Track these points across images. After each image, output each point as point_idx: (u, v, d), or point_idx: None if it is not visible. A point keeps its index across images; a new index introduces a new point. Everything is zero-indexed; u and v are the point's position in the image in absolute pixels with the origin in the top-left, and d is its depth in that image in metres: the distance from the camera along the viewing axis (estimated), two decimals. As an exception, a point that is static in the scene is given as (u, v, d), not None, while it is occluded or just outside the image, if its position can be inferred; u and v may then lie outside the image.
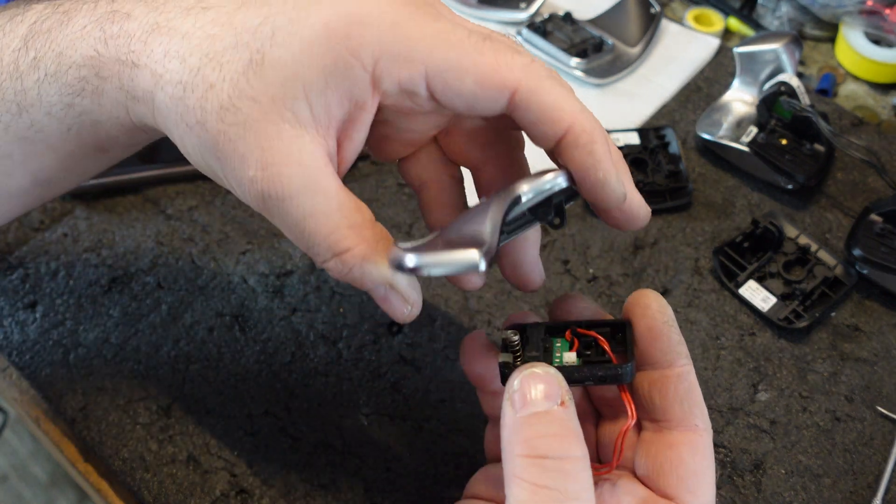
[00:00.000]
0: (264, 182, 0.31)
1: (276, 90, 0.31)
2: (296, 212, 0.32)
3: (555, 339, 0.36)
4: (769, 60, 0.60)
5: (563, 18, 0.67)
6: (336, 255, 0.32)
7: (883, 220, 0.54)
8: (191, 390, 0.48)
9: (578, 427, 0.31)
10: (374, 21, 0.31)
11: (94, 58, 0.34)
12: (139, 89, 0.34)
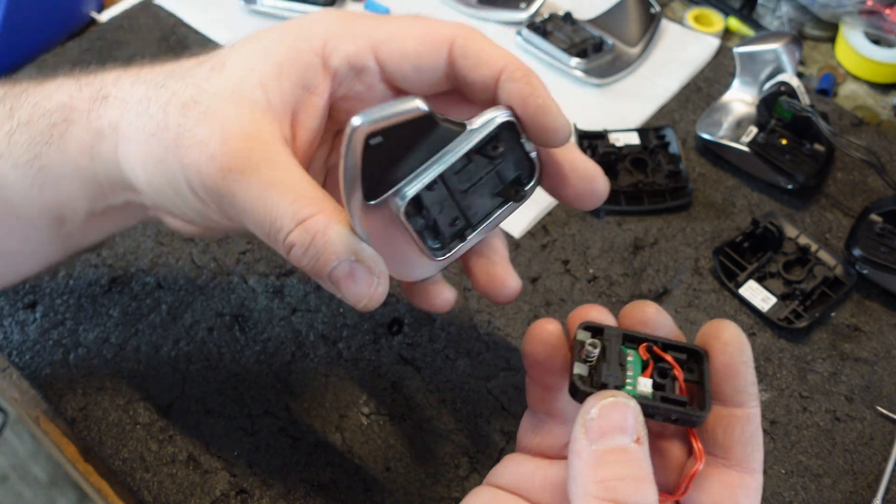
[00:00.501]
0: (224, 156, 0.33)
1: (234, 84, 0.34)
2: (258, 183, 0.33)
3: (629, 350, 0.34)
4: (769, 60, 0.60)
5: (563, 18, 0.67)
6: (300, 223, 0.32)
7: (883, 220, 0.54)
8: (191, 390, 0.48)
9: (651, 467, 0.30)
10: (321, 17, 0.36)
11: (67, 103, 0.37)
12: (106, 120, 0.37)
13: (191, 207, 0.36)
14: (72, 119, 0.38)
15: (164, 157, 0.34)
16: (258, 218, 0.33)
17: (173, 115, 0.34)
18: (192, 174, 0.34)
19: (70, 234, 0.40)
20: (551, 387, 0.35)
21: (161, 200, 0.36)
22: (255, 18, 0.70)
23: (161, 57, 0.67)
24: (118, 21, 0.70)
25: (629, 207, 0.57)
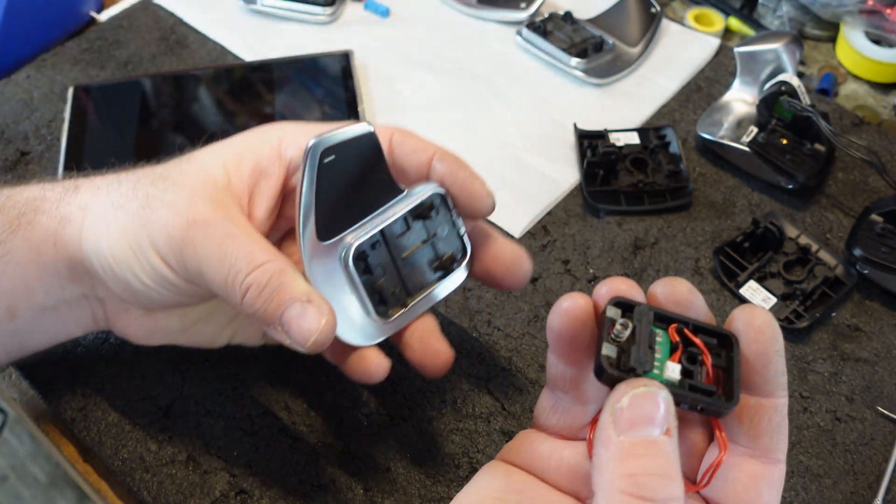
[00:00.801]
0: (189, 210, 0.37)
1: (199, 165, 0.39)
2: (219, 232, 0.37)
3: (658, 331, 0.32)
4: (770, 60, 0.60)
5: (563, 18, 0.67)
6: (257, 267, 0.36)
7: (883, 220, 0.54)
8: (190, 390, 0.47)
9: (679, 461, 0.29)
10: (279, 124, 0.42)
11: (39, 195, 0.40)
12: (76, 205, 0.40)
13: (149, 273, 0.38)
14: (41, 209, 0.40)
15: (128, 222, 0.38)
16: (217, 263, 0.36)
17: (143, 187, 0.39)
18: (157, 230, 0.37)
19: (17, 332, 0.41)
20: (575, 365, 0.34)
21: (120, 273, 0.38)
22: (255, 18, 0.70)
23: (161, 57, 0.67)
24: (118, 21, 0.70)
25: (629, 207, 0.57)
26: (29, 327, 0.41)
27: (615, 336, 0.31)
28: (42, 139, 0.61)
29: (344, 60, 0.65)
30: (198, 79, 0.64)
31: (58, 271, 0.40)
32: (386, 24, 0.70)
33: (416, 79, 0.66)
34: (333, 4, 0.69)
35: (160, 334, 0.43)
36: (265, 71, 0.64)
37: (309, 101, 0.63)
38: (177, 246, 0.37)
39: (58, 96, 0.64)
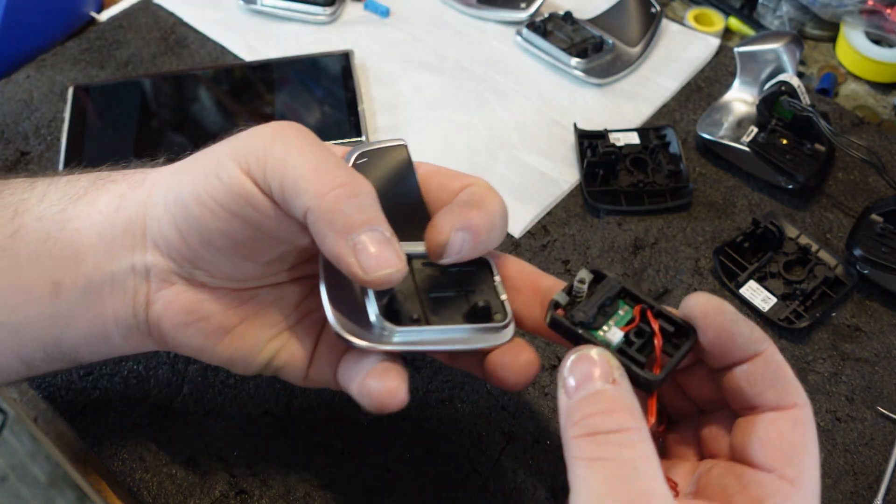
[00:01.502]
0: (279, 127, 0.36)
1: None
2: (310, 140, 0.36)
3: (622, 304, 0.35)
4: (770, 60, 0.60)
5: (563, 18, 0.67)
6: (355, 178, 0.35)
7: (883, 220, 0.54)
8: (190, 391, 0.47)
9: (632, 401, 0.30)
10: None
11: (109, 172, 0.40)
12: (148, 172, 0.40)
13: (219, 192, 0.35)
14: (114, 179, 0.39)
15: (204, 155, 0.37)
16: (308, 160, 0.34)
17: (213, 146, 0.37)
18: (240, 145, 0.35)
19: (58, 316, 0.38)
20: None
21: (186, 199, 0.36)
22: (255, 18, 0.70)
23: (161, 57, 0.67)
24: (117, 20, 0.70)
25: (629, 207, 0.57)
26: (70, 311, 0.38)
27: (574, 291, 0.35)
28: (42, 139, 0.61)
29: (344, 60, 0.65)
30: (198, 79, 0.64)
31: (114, 235, 0.37)
32: (386, 24, 0.70)
33: (416, 79, 0.66)
34: (333, 4, 0.69)
35: (198, 327, 0.39)
36: (265, 71, 0.64)
37: (309, 101, 0.63)
38: (262, 146, 0.35)
39: (58, 96, 0.64)
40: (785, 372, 0.33)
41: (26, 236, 0.37)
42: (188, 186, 0.36)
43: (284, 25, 0.69)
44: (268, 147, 0.35)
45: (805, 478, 0.31)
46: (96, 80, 0.65)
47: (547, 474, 0.45)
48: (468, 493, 0.44)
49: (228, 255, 0.36)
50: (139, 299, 0.38)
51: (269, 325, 0.39)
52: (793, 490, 0.31)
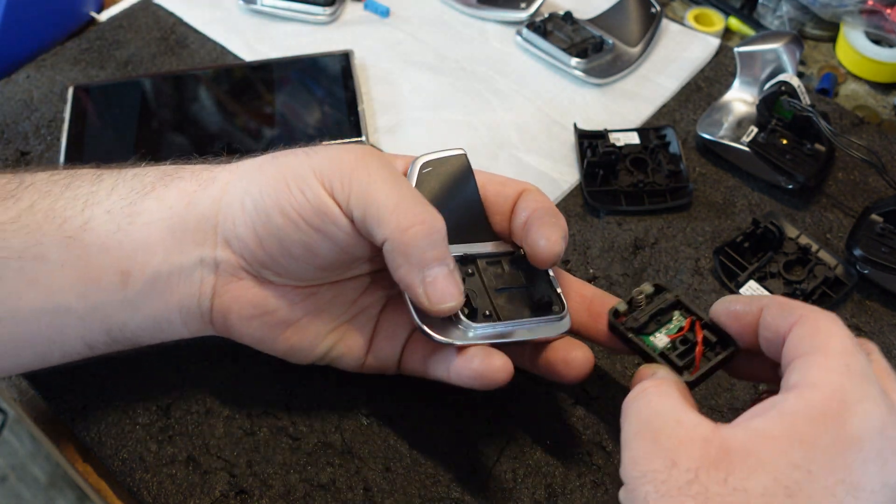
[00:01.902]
0: (364, 150, 0.40)
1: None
2: (392, 172, 0.39)
3: (677, 314, 0.41)
4: (770, 60, 0.60)
5: (563, 18, 0.67)
6: (431, 215, 0.38)
7: (883, 220, 0.54)
8: (190, 390, 0.47)
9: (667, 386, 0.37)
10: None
11: (176, 168, 0.42)
12: (219, 170, 0.41)
13: (299, 203, 0.38)
14: (182, 176, 0.41)
15: (288, 162, 0.39)
16: (388, 191, 0.38)
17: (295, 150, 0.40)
18: (324, 161, 0.38)
19: (125, 304, 0.40)
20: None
21: (263, 206, 0.38)
22: (255, 18, 0.70)
23: (161, 57, 0.67)
24: (118, 21, 0.70)
25: (629, 207, 0.57)
26: (137, 299, 0.40)
27: (634, 302, 0.42)
28: (42, 139, 0.61)
29: (344, 60, 0.65)
30: (198, 79, 0.64)
31: (185, 230, 0.40)
32: (386, 24, 0.70)
33: (416, 79, 0.66)
34: (333, 4, 0.69)
35: (262, 320, 0.41)
36: (265, 71, 0.64)
37: (309, 100, 0.63)
38: (347, 171, 0.38)
39: (58, 96, 0.64)
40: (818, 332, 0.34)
41: (97, 228, 0.39)
42: (270, 195, 0.38)
43: (284, 25, 0.69)
44: (353, 174, 0.38)
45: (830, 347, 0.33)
46: (96, 80, 0.65)
47: (547, 474, 0.45)
48: (468, 493, 0.44)
49: (302, 262, 0.40)
50: (205, 290, 0.41)
51: (328, 320, 0.43)
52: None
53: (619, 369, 0.49)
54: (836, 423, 0.31)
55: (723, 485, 0.30)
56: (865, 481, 0.31)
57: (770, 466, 0.31)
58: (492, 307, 0.41)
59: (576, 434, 0.46)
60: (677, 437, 0.33)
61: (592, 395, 0.48)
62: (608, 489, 0.44)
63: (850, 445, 0.31)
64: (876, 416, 0.31)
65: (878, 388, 0.32)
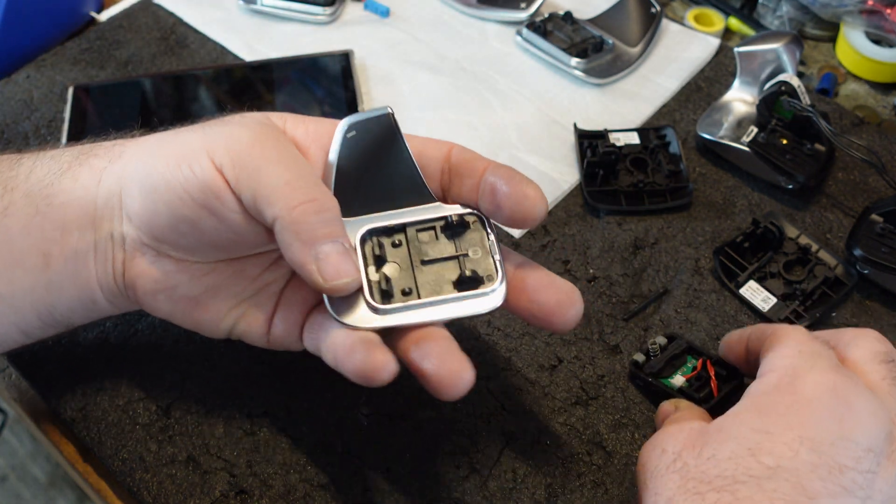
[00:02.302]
0: (259, 128, 0.40)
1: (258, 117, 0.42)
2: (288, 149, 0.39)
3: (690, 358, 0.48)
4: (770, 60, 0.60)
5: (563, 18, 0.67)
6: (323, 194, 0.38)
7: (883, 220, 0.54)
8: (190, 390, 0.47)
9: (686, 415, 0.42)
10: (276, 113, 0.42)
11: (92, 146, 0.42)
12: (129, 145, 0.42)
13: (189, 181, 0.38)
14: (96, 153, 0.41)
15: (184, 139, 0.39)
16: (279, 171, 0.37)
17: (199, 125, 0.40)
18: (218, 139, 0.38)
19: (50, 285, 0.40)
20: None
21: (151, 204, 0.39)
22: (255, 18, 0.70)
23: (161, 56, 0.67)
24: (117, 20, 0.70)
25: (629, 207, 0.57)
26: (60, 279, 0.40)
27: (648, 350, 0.49)
28: (42, 139, 0.61)
29: (344, 60, 0.65)
30: (198, 79, 0.64)
31: (95, 207, 0.40)
32: (386, 24, 0.70)
33: (416, 79, 0.66)
34: (333, 4, 0.69)
35: (166, 295, 0.41)
36: (265, 71, 0.64)
37: (309, 101, 0.63)
38: (240, 149, 0.38)
39: (58, 96, 0.64)
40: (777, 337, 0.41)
41: (16, 212, 0.40)
42: (161, 170, 0.38)
43: (284, 25, 0.69)
44: (245, 153, 0.37)
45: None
46: (96, 80, 0.65)
47: (547, 474, 0.45)
48: (468, 493, 0.44)
49: (192, 239, 0.40)
50: (117, 266, 0.41)
51: (229, 296, 0.42)
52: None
53: (619, 370, 0.49)
54: (790, 390, 0.36)
55: (698, 457, 0.36)
56: (822, 435, 0.35)
57: (735, 434, 0.36)
58: (413, 282, 0.38)
59: (576, 434, 0.46)
60: (669, 432, 0.39)
61: (592, 395, 0.48)
62: (608, 489, 0.44)
63: (803, 406, 0.36)
64: (824, 380, 0.36)
65: (829, 363, 0.37)
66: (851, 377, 0.37)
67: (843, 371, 0.37)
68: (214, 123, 0.40)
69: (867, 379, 0.38)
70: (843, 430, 0.35)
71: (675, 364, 0.47)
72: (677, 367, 0.47)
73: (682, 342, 0.48)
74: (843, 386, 0.36)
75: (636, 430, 0.46)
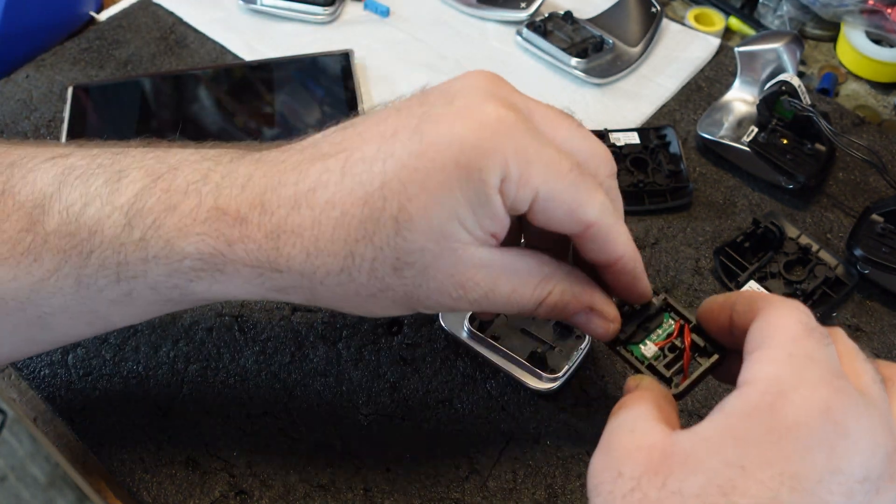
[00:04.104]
0: (467, 291, 0.36)
1: (436, 236, 0.34)
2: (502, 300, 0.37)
3: (667, 317, 0.40)
4: (770, 60, 0.60)
5: (563, 17, 0.67)
6: (556, 285, 0.38)
7: (884, 220, 0.54)
8: (190, 391, 0.47)
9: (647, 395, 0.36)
10: (498, 146, 0.33)
11: (215, 255, 0.35)
12: (286, 285, 0.36)
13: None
14: (224, 269, 0.37)
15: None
16: (521, 282, 0.37)
17: (383, 280, 0.36)
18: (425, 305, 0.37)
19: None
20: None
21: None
22: (255, 18, 0.70)
23: (160, 56, 0.67)
24: (117, 20, 0.70)
25: (629, 207, 0.57)
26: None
27: (623, 308, 0.40)
28: (42, 139, 0.61)
29: (344, 60, 0.65)
30: (197, 79, 0.64)
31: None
32: (386, 24, 0.70)
33: (416, 79, 0.65)
34: (333, 4, 0.69)
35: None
36: (265, 71, 0.64)
37: (309, 100, 0.63)
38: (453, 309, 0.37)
39: (57, 96, 0.64)
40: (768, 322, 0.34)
41: (143, 297, 0.38)
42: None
43: (284, 25, 0.69)
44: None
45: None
46: (96, 79, 0.65)
47: (547, 474, 0.45)
48: (468, 493, 0.44)
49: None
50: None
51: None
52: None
53: (620, 369, 0.49)
54: (769, 413, 0.30)
55: (660, 489, 0.30)
56: (807, 470, 0.29)
57: (705, 467, 0.30)
58: (506, 334, 0.48)
59: (576, 434, 0.46)
60: (625, 447, 0.32)
61: (592, 395, 0.48)
62: (608, 489, 0.44)
63: (784, 435, 0.29)
64: (815, 399, 0.30)
65: (822, 372, 0.31)
66: (848, 392, 0.31)
67: (839, 383, 0.31)
68: (396, 140, 0.35)
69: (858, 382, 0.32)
70: (833, 463, 0.29)
71: (649, 327, 0.40)
72: (651, 331, 0.40)
73: (657, 299, 0.40)
74: (838, 406, 0.30)
75: (636, 431, 0.46)
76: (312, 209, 0.34)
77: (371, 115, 0.36)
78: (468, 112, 0.34)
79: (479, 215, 0.34)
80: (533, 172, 0.34)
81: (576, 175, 0.35)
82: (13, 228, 0.36)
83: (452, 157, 0.33)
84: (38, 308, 0.37)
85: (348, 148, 0.35)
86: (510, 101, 0.35)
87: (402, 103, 0.36)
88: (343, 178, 0.34)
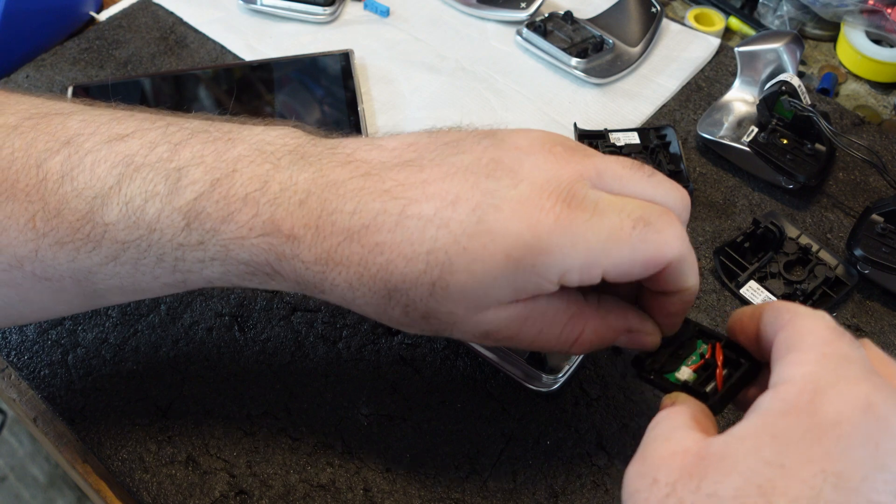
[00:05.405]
0: (492, 337, 0.37)
1: (468, 305, 0.35)
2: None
3: (700, 343, 0.40)
4: (770, 60, 0.60)
5: (563, 17, 0.67)
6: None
7: (884, 220, 0.54)
8: (190, 391, 0.47)
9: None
10: (554, 246, 0.34)
11: (266, 265, 0.37)
12: (326, 298, 0.38)
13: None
14: (277, 272, 0.38)
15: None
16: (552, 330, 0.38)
17: (412, 324, 0.38)
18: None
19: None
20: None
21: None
22: (255, 18, 0.70)
23: (160, 56, 0.67)
24: (117, 20, 0.70)
25: (630, 207, 0.57)
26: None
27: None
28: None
29: (344, 60, 0.65)
30: (197, 79, 0.64)
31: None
32: (386, 24, 0.70)
33: (416, 79, 0.66)
34: (333, 4, 0.69)
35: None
36: (265, 71, 0.64)
37: (309, 100, 0.63)
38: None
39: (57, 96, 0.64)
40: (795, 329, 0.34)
41: (195, 284, 0.39)
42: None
43: (284, 25, 0.69)
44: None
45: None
46: (96, 79, 0.65)
47: (547, 474, 0.45)
48: (468, 493, 0.44)
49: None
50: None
51: None
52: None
53: (620, 370, 0.49)
54: (808, 411, 0.29)
55: (696, 492, 0.29)
56: (851, 468, 0.28)
57: (742, 467, 0.29)
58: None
59: (576, 434, 0.46)
60: (661, 455, 0.32)
61: (593, 395, 0.48)
62: (608, 489, 0.44)
63: (825, 432, 0.29)
64: (856, 395, 0.29)
65: (859, 370, 0.30)
66: (889, 389, 0.30)
67: (878, 380, 0.30)
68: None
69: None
70: (879, 460, 0.28)
71: (681, 354, 0.40)
72: (684, 358, 0.40)
73: (690, 327, 0.41)
74: (880, 401, 0.29)
75: (637, 431, 0.46)
76: (363, 247, 0.35)
77: (437, 155, 0.36)
78: (530, 204, 0.34)
79: (518, 294, 0.35)
80: (594, 259, 0.34)
81: (641, 229, 0.35)
82: (73, 216, 0.37)
83: (504, 249, 0.34)
84: (94, 285, 0.39)
85: (409, 196, 0.35)
86: (579, 171, 0.35)
87: (470, 158, 0.36)
88: (396, 228, 0.35)
